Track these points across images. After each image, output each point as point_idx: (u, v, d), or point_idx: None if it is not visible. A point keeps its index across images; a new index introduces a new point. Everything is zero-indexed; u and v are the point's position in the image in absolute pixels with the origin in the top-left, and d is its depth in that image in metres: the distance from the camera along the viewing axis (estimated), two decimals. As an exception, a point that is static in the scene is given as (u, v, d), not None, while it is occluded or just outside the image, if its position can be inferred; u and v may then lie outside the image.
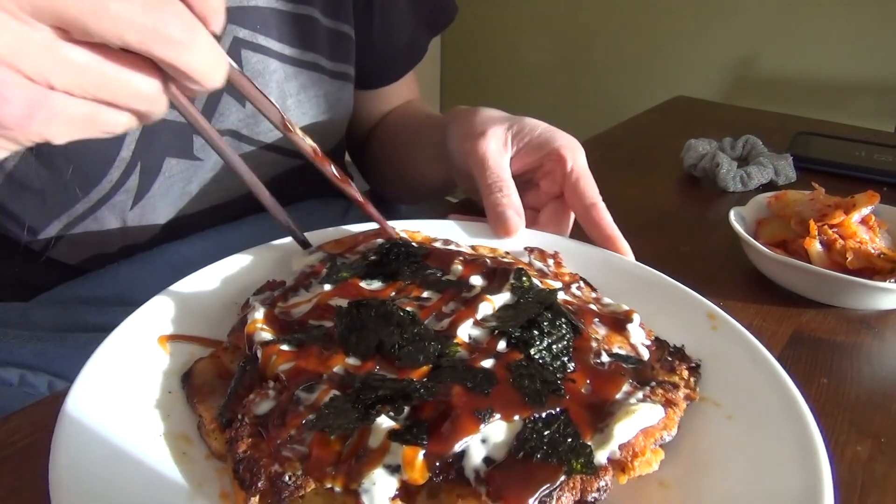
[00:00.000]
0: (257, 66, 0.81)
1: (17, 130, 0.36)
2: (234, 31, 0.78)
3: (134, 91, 0.39)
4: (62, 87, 0.36)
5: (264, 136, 0.84)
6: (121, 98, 0.39)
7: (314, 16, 0.86)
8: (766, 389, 0.49)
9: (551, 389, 0.44)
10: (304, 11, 0.85)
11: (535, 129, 0.74)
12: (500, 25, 3.30)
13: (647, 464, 0.42)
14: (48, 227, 0.75)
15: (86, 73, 0.37)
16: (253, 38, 0.80)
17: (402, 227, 0.67)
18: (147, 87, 0.39)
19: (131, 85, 0.39)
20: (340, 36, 0.90)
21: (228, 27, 0.77)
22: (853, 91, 2.50)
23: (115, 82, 0.38)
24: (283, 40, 0.83)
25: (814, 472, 0.41)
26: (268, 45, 0.81)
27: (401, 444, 0.40)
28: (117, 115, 0.40)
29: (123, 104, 0.39)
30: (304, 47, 0.85)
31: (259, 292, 0.57)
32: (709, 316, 0.57)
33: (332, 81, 0.90)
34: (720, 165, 1.00)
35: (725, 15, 2.70)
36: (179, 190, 0.81)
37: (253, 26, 0.79)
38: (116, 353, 0.49)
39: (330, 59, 0.89)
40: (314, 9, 0.85)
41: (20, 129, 0.36)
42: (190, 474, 0.43)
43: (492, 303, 0.52)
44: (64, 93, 0.37)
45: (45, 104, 0.36)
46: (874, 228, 0.74)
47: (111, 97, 0.38)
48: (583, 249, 0.67)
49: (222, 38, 0.77)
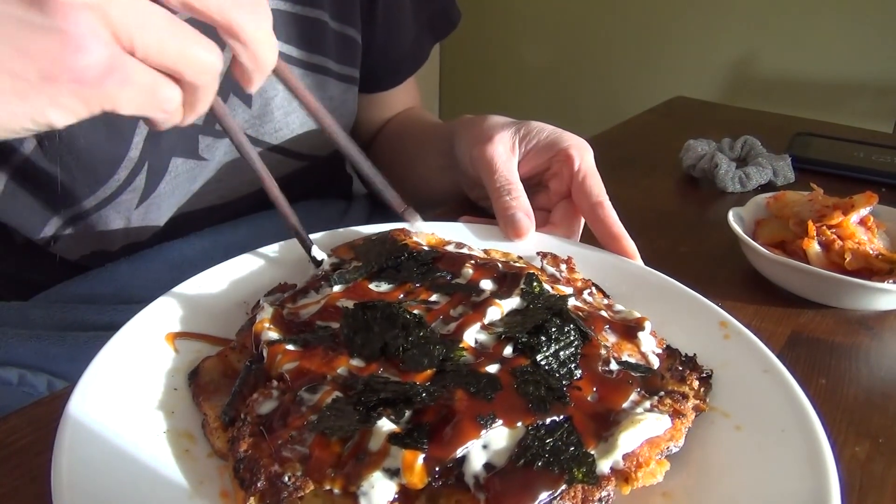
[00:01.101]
0: None
1: (92, 88, 0.36)
2: None
3: (201, 63, 0.40)
4: (143, 48, 0.36)
5: (269, 136, 0.85)
6: (190, 68, 0.39)
7: (323, 19, 0.86)
8: (776, 401, 0.48)
9: (556, 396, 0.44)
10: (314, 14, 0.85)
11: (542, 132, 0.74)
12: (499, 26, 3.30)
13: (651, 475, 0.41)
14: (51, 222, 0.75)
15: (169, 36, 0.37)
16: None
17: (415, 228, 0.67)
18: (212, 60, 0.41)
19: (200, 56, 0.40)
20: (348, 40, 0.90)
21: None
22: (852, 92, 2.51)
23: (190, 50, 0.39)
24: (291, 42, 0.83)
25: (822, 485, 0.41)
26: None
27: (401, 447, 0.40)
28: (173, 91, 0.40)
29: (190, 75, 0.40)
30: (312, 50, 0.86)
31: (270, 293, 0.58)
32: (721, 324, 0.56)
33: (339, 84, 0.90)
34: (719, 166, 1.01)
35: (724, 16, 2.70)
36: (185, 190, 0.81)
37: None
38: (123, 350, 0.50)
39: (337, 63, 0.89)
40: (323, 12, 0.86)
41: (95, 88, 0.36)
42: (191, 472, 0.43)
43: (500, 307, 0.52)
44: (140, 58, 0.37)
45: (122, 66, 0.36)
46: (872, 229, 0.74)
47: (183, 65, 0.39)
48: (596, 255, 0.67)
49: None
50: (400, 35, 0.98)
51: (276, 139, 0.85)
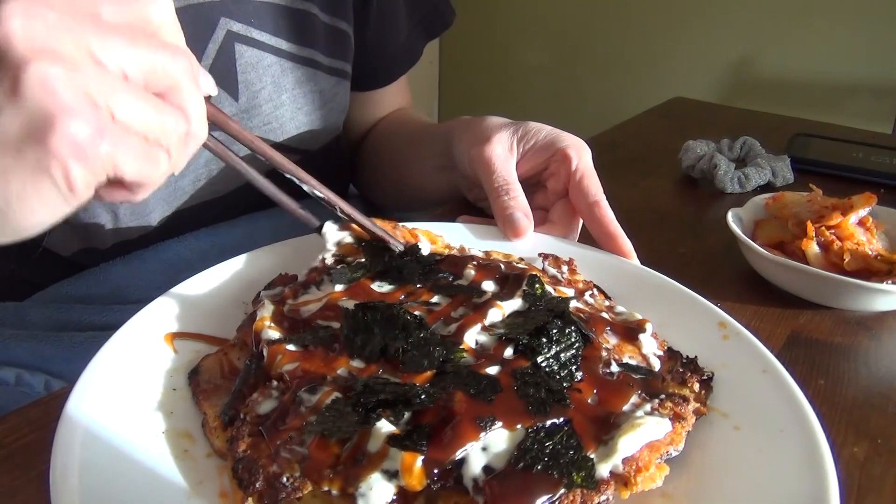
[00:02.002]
0: (251, 59, 0.81)
1: (89, 150, 0.35)
2: (228, 25, 0.78)
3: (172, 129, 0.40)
4: (123, 117, 0.36)
5: (258, 130, 0.84)
6: (164, 135, 0.39)
7: (312, 11, 0.86)
8: (775, 402, 0.48)
9: (556, 399, 0.44)
10: (302, 7, 0.85)
11: (539, 132, 0.75)
12: (499, 27, 3.30)
13: (650, 479, 0.41)
14: None
15: (143, 107, 0.37)
16: (247, 32, 0.80)
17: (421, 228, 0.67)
18: (181, 127, 0.40)
19: (168, 124, 0.39)
20: (339, 33, 0.90)
21: (221, 20, 0.77)
22: (851, 93, 2.51)
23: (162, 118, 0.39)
24: (280, 35, 0.83)
25: (821, 486, 0.41)
26: (262, 40, 0.81)
27: (400, 449, 0.39)
28: (160, 152, 0.40)
29: (165, 142, 0.40)
30: (302, 42, 0.85)
31: (270, 286, 0.57)
32: (720, 325, 0.57)
33: (329, 77, 0.90)
34: (718, 167, 1.01)
35: (723, 16, 2.71)
36: (171, 184, 0.80)
37: (247, 20, 0.80)
38: (122, 351, 0.50)
39: (327, 56, 0.89)
40: (313, 4, 0.86)
41: (92, 149, 0.35)
42: (190, 472, 0.43)
43: (502, 309, 0.52)
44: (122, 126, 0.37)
45: (111, 128, 0.36)
46: (871, 230, 0.74)
47: (158, 134, 0.39)
48: (594, 255, 0.67)
49: (215, 31, 0.77)
50: (393, 32, 0.98)
51: (265, 132, 0.85)
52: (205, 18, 0.76)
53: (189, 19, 0.74)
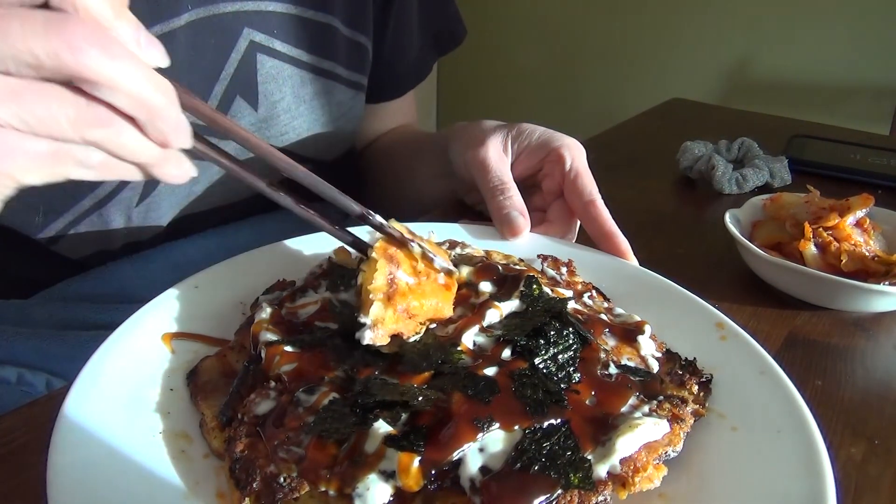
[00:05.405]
0: (272, 70, 0.81)
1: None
2: (251, 35, 0.78)
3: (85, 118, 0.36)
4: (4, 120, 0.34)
5: (275, 140, 0.85)
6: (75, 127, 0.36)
7: (334, 24, 0.86)
8: (773, 403, 0.48)
9: (554, 400, 0.44)
10: (325, 20, 0.85)
11: (533, 133, 0.75)
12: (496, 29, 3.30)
13: (648, 479, 0.41)
14: (55, 222, 0.75)
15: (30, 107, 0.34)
16: (269, 43, 0.80)
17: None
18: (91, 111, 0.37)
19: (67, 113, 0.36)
20: (358, 46, 0.90)
21: (245, 30, 0.78)
22: (849, 94, 2.51)
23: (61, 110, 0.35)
24: (301, 46, 0.83)
25: (818, 486, 0.41)
26: (283, 51, 0.82)
27: (397, 450, 0.39)
28: (87, 151, 0.38)
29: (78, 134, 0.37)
30: (322, 55, 0.86)
31: (269, 292, 0.58)
32: (717, 326, 0.57)
33: (347, 90, 0.91)
34: (716, 168, 1.01)
35: (722, 18, 2.71)
36: (186, 189, 0.81)
37: (270, 31, 0.80)
38: (120, 351, 0.50)
39: (346, 69, 0.89)
40: (335, 18, 0.86)
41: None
42: (187, 473, 0.43)
43: (499, 310, 0.52)
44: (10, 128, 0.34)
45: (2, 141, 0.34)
46: (869, 231, 0.74)
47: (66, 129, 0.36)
48: (592, 256, 0.67)
49: (238, 41, 0.77)
50: (406, 46, 0.99)
51: (280, 142, 0.85)
52: (229, 28, 0.77)
53: (213, 29, 0.75)
